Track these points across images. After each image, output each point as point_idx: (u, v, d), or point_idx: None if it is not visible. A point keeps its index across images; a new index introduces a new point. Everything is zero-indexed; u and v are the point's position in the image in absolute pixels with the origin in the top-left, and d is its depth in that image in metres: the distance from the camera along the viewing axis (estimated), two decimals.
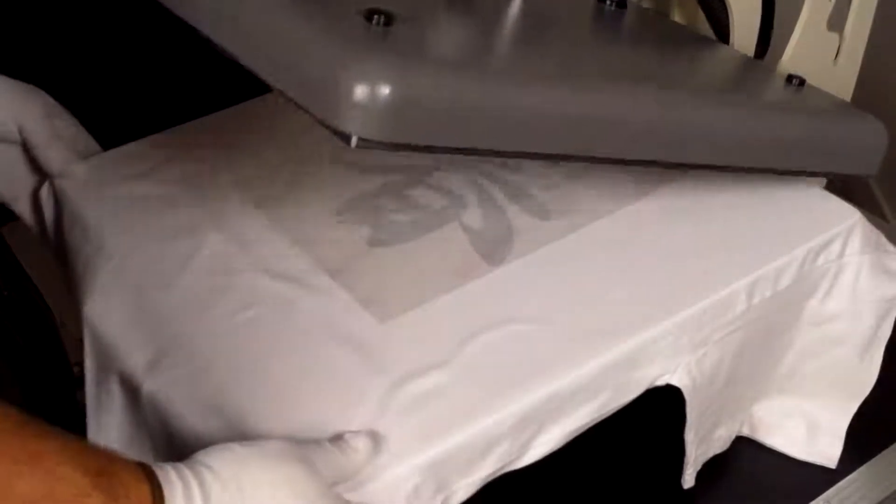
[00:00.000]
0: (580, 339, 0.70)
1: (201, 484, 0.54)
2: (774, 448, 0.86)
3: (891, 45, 1.03)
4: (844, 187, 1.18)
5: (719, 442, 0.81)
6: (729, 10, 0.91)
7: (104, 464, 0.51)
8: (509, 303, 0.73)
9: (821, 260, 0.78)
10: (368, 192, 0.83)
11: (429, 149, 0.60)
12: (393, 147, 0.58)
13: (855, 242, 0.79)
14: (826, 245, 0.78)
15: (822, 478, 0.83)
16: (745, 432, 0.85)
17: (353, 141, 0.56)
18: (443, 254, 0.77)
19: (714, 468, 0.81)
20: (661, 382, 0.72)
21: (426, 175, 0.85)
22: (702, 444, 0.78)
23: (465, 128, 0.62)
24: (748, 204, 0.82)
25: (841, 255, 0.79)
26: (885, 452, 0.84)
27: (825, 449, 0.84)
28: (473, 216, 0.80)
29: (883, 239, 0.81)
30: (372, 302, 0.73)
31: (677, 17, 0.99)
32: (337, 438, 0.62)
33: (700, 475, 0.80)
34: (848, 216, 0.80)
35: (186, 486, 0.54)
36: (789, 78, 0.88)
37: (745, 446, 0.85)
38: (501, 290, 0.74)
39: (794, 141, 0.81)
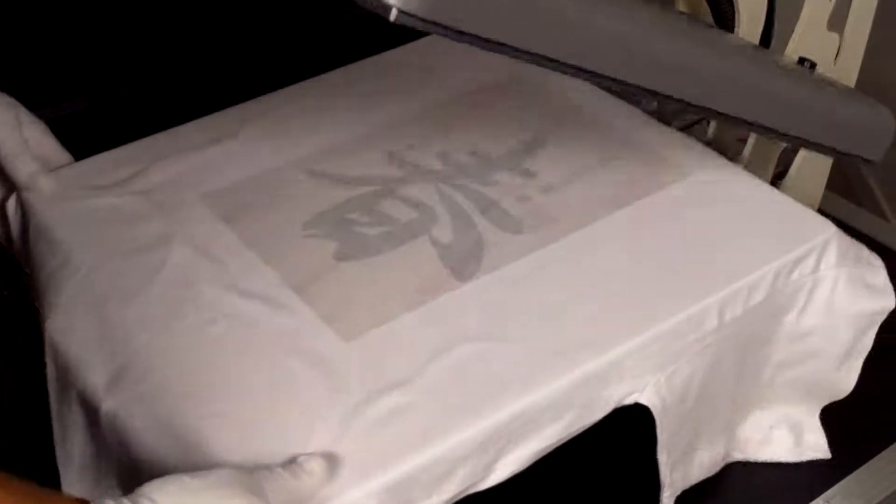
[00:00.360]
0: (546, 357, 0.69)
1: None
2: (768, 461, 0.84)
3: (891, 45, 1.02)
4: (846, 186, 1.17)
5: (701, 467, 0.80)
6: (736, 8, 0.90)
7: None
8: (476, 320, 0.72)
9: (795, 275, 0.77)
10: (338, 205, 0.82)
11: (462, 35, 0.60)
12: (432, 26, 0.58)
13: (831, 256, 0.78)
14: (800, 260, 0.77)
15: (822, 478, 0.82)
16: (738, 457, 0.84)
17: (393, 14, 0.56)
18: (411, 269, 0.76)
19: (707, 481, 0.80)
20: (629, 401, 0.71)
21: (398, 187, 0.83)
22: (679, 466, 0.77)
23: (505, 19, 0.61)
24: (721, 218, 0.80)
25: (816, 269, 0.77)
26: (884, 453, 0.83)
27: (815, 442, 0.83)
28: (444, 230, 0.79)
29: (865, 252, 0.79)
30: (336, 319, 0.72)
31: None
32: (290, 462, 0.61)
33: (694, 490, 0.79)
34: (823, 230, 0.78)
35: None
36: (801, 60, 0.88)
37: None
38: (469, 307, 0.73)
39: (810, 107, 0.80)
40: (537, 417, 0.67)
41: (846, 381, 0.81)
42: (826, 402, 0.83)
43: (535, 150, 0.88)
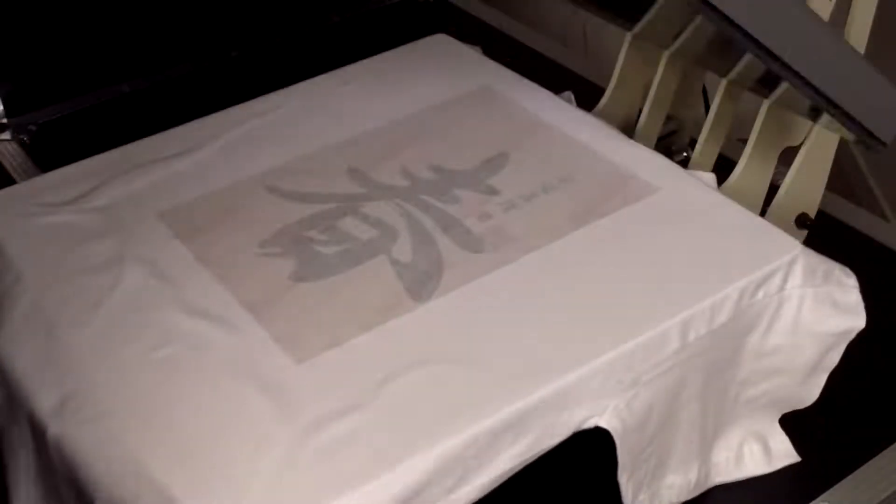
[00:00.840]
0: (503, 380, 0.67)
1: None
2: (744, 478, 0.81)
3: (891, 44, 1.00)
4: (846, 186, 1.15)
5: (673, 490, 0.77)
6: None
7: None
8: (433, 341, 0.70)
9: (760, 294, 0.75)
10: (297, 223, 0.80)
11: None
12: None
13: (796, 276, 0.76)
14: (765, 279, 0.75)
15: (821, 479, 0.80)
16: (718, 481, 0.81)
17: None
18: (368, 289, 0.75)
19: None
20: (588, 425, 0.69)
21: (359, 205, 0.82)
22: (645, 488, 0.75)
23: None
24: (685, 237, 0.78)
25: (781, 288, 0.76)
26: (884, 453, 0.81)
27: (783, 449, 0.81)
28: (403, 249, 0.78)
29: (837, 271, 0.77)
30: (290, 341, 0.70)
31: None
32: None
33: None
34: (788, 249, 0.76)
35: None
36: None
37: None
38: (425, 328, 0.71)
39: (842, 65, 0.80)
40: (494, 442, 0.65)
41: (809, 394, 0.79)
42: (786, 412, 0.81)
43: (499, 166, 0.86)
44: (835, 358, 0.78)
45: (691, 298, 0.72)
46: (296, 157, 0.88)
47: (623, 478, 0.72)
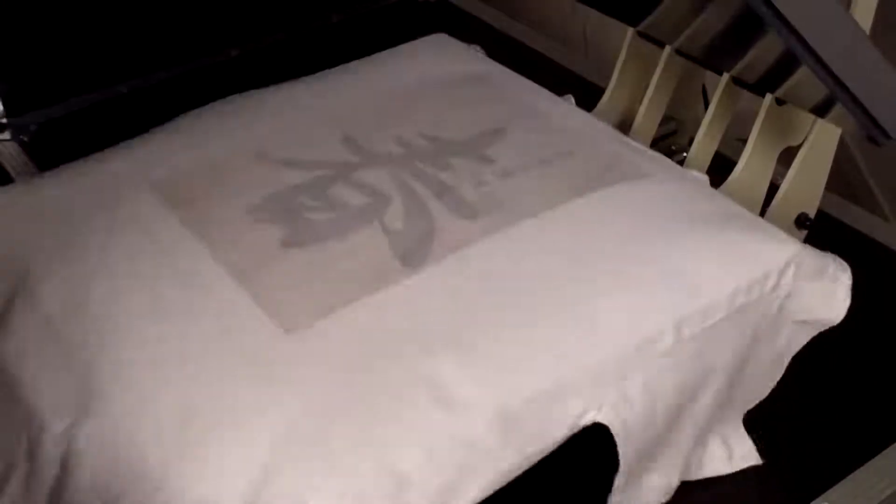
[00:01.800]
0: (493, 370, 0.65)
1: None
2: (709, 476, 0.78)
3: (891, 45, 1.00)
4: (846, 186, 1.14)
5: (651, 490, 0.74)
6: None
7: None
8: (423, 316, 0.68)
9: (756, 293, 0.73)
10: (288, 190, 0.78)
11: None
12: None
13: (790, 273, 0.74)
14: (763, 279, 0.73)
15: (822, 479, 0.79)
16: (681, 478, 0.77)
17: None
18: (359, 256, 0.72)
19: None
20: (586, 421, 0.66)
21: (351, 172, 0.80)
22: (627, 488, 0.72)
23: None
24: (682, 237, 0.76)
25: (776, 287, 0.74)
26: (884, 452, 0.80)
27: (744, 452, 0.78)
28: (395, 215, 0.76)
29: (832, 268, 0.75)
30: (278, 311, 0.68)
31: None
32: None
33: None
34: (786, 248, 0.74)
35: None
36: None
37: None
38: (416, 299, 0.69)
39: (859, 49, 0.78)
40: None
41: (768, 386, 0.77)
42: (749, 408, 0.79)
43: (495, 139, 0.85)
44: (796, 347, 0.76)
45: (687, 296, 0.71)
46: (288, 126, 0.86)
47: (621, 479, 0.69)
